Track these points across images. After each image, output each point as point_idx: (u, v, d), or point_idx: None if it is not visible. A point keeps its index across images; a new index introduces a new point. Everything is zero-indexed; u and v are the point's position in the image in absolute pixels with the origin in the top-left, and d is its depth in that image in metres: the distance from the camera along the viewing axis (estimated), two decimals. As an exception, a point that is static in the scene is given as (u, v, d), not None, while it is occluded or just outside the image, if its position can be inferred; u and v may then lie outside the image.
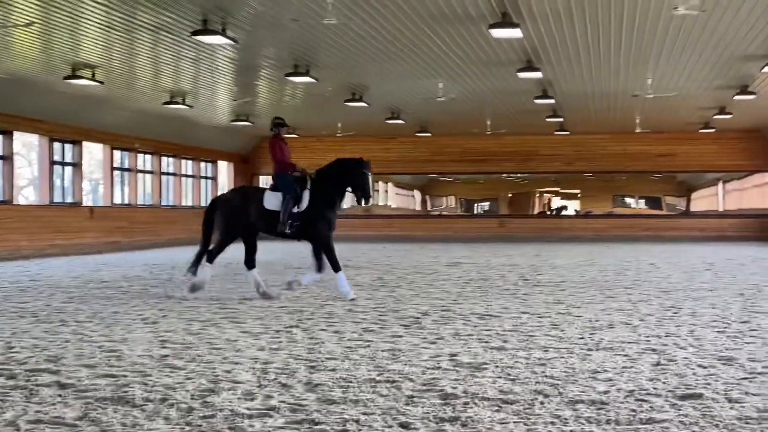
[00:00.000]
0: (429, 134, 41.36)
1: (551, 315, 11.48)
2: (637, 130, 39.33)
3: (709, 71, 25.07)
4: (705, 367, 7.61)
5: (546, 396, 6.47)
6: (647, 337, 9.47)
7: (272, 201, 14.18)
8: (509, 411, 6.02)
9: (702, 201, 60.13)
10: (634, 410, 5.99)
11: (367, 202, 14.10)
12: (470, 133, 41.78)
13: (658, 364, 7.80)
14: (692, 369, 7.53)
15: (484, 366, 7.72)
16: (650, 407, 6.08)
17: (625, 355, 8.26)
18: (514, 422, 5.71)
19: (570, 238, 41.18)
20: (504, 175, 46.81)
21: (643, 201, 58.88)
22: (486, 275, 18.81)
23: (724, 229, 41.33)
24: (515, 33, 18.51)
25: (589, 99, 30.79)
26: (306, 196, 14.07)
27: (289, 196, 14.08)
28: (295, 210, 14.05)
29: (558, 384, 6.89)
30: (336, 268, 13.76)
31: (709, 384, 6.87)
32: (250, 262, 14.17)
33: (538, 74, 24.48)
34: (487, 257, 26.30)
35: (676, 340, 9.25)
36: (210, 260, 14.26)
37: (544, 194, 57.64)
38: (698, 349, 8.64)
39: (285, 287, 14.69)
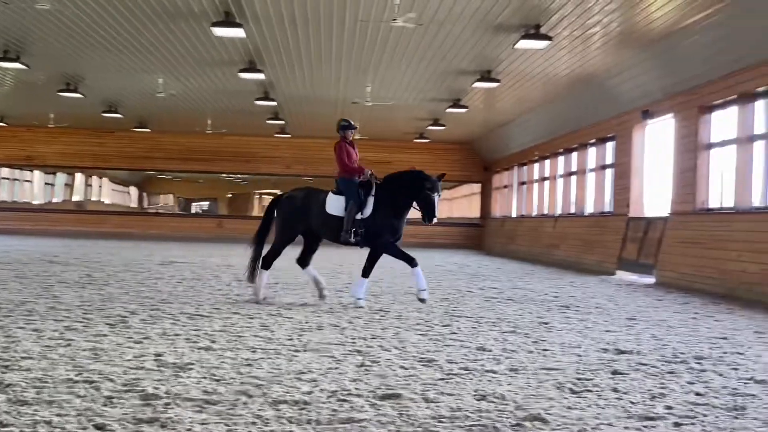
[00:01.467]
0: (148, 130, 40.45)
1: (262, 316, 11.46)
2: (357, 137, 40.24)
3: (425, 83, 26.07)
4: (406, 368, 7.83)
5: (250, 396, 6.41)
6: (354, 339, 9.65)
7: (335, 205, 13.35)
8: (211, 411, 5.91)
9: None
10: (335, 410, 6.05)
11: (430, 221, 12.99)
12: (191, 131, 41.25)
13: (362, 365, 7.94)
14: (394, 370, 7.73)
15: (190, 366, 7.56)
16: (351, 407, 6.17)
17: (331, 357, 8.37)
18: (215, 423, 5.61)
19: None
20: (224, 175, 46.50)
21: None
22: (200, 275, 18.56)
23: (434, 237, 43.06)
24: (238, 33, 18.43)
25: (310, 103, 31.20)
26: (370, 202, 13.28)
27: (353, 202, 13.23)
28: (359, 217, 13.24)
29: (263, 384, 6.86)
30: (412, 263, 13.19)
31: (408, 384, 7.07)
32: (303, 261, 13.84)
33: (260, 76, 24.51)
34: (203, 257, 25.99)
35: (381, 342, 9.47)
36: (265, 266, 13.56)
37: (264, 196, 57.73)
38: (401, 351, 8.88)
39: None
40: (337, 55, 22.04)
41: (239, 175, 46.82)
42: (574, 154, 29.87)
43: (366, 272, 13.36)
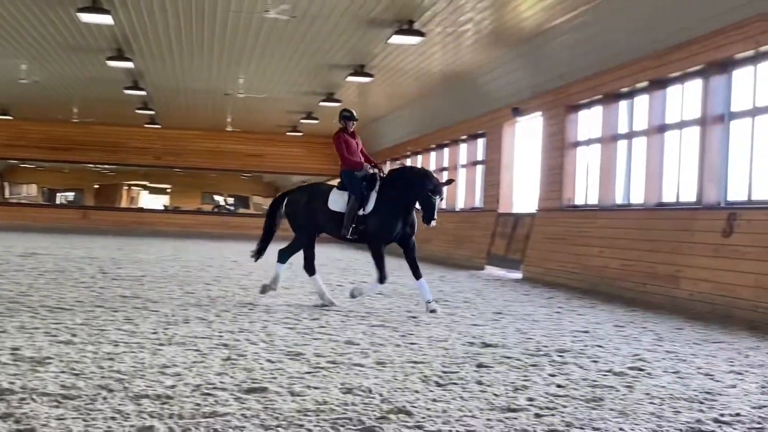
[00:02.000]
0: (10, 117, 39.08)
1: (127, 309, 11.20)
2: (229, 129, 39.87)
3: (299, 76, 25.97)
4: (273, 362, 7.76)
5: (110, 391, 6.24)
6: (221, 332, 9.51)
7: (337, 201, 12.73)
8: (69, 407, 5.73)
9: (287, 202, 61.76)
10: (198, 404, 5.94)
11: (428, 223, 12.16)
12: (56, 120, 40.06)
13: (228, 359, 7.83)
14: (260, 364, 7.65)
15: (48, 360, 7.32)
16: (215, 401, 6.06)
17: (197, 350, 8.22)
18: (73, 418, 5.44)
19: (156, 233, 40.77)
20: (91, 165, 45.39)
21: (232, 199, 59.74)
22: (63, 267, 18.04)
23: (305, 230, 42.85)
24: (106, 19, 17.96)
25: (181, 94, 30.70)
26: (372, 197, 12.60)
27: (354, 197, 12.58)
28: (361, 213, 12.55)
29: (125, 379, 6.68)
30: (381, 278, 12.55)
31: (275, 378, 7.00)
32: (285, 256, 13.22)
33: (129, 64, 23.97)
34: (66, 249, 25.28)
35: (248, 335, 9.36)
36: (281, 260, 13.17)
37: (133, 187, 56.62)
38: (269, 344, 8.80)
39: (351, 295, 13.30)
40: (209, 45, 21.73)
41: (107, 166, 45.79)
42: (446, 150, 30.22)
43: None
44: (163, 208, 51.81)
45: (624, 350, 9.26)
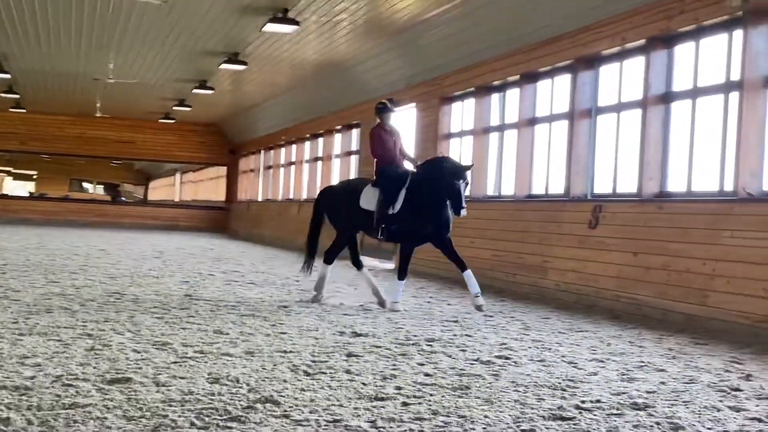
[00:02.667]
0: None
1: (-14, 298, 10.82)
2: (98, 115, 38.91)
3: (171, 62, 25.51)
4: (138, 352, 7.60)
5: (-35, 383, 6.01)
6: (85, 322, 9.28)
7: (369, 199, 12.01)
8: None
9: (160, 190, 61.09)
10: (58, 395, 5.77)
11: (457, 213, 11.37)
12: None
13: (91, 349, 7.64)
14: (126, 354, 7.48)
15: None
16: (76, 392, 5.90)
17: (59, 340, 8.00)
18: (-77, 413, 5.21)
19: (21, 220, 39.54)
20: (-49, 150, 43.69)
21: (101, 186, 58.39)
22: None
23: (178, 219, 42.37)
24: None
25: (48, 78, 29.81)
26: (401, 196, 11.80)
27: (383, 196, 11.83)
28: (391, 212, 11.79)
29: (-19, 371, 6.45)
30: (402, 276, 11.99)
31: (140, 368, 6.86)
32: (356, 261, 12.73)
33: (-8, 45, 23.11)
34: (-76, 236, 24.28)
35: (114, 325, 9.16)
36: (327, 260, 12.73)
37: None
38: (135, 334, 8.62)
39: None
40: (77, 29, 21.12)
41: (-31, 151, 44.16)
42: (321, 140, 30.16)
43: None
44: (28, 194, 50.28)
45: (492, 339, 9.40)
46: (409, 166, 12.34)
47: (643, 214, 12.79)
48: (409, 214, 11.72)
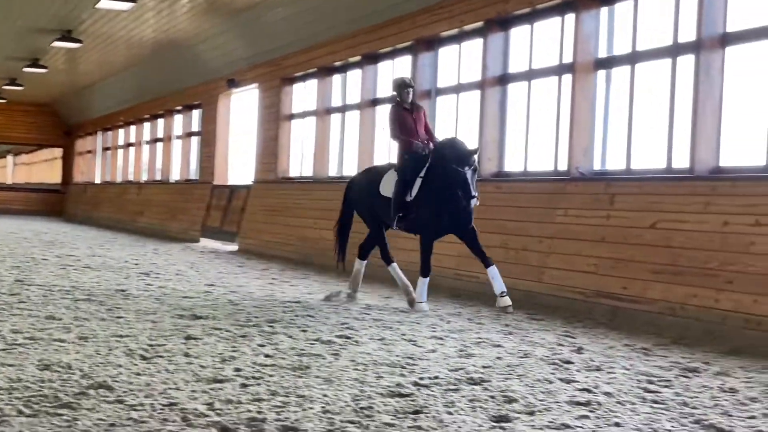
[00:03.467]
0: None
1: None
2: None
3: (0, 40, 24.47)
4: (-36, 340, 7.27)
5: None
6: None
7: (388, 185, 10.82)
8: None
9: (-10, 173, 58.58)
10: None
11: (467, 203, 10.13)
12: None
13: None
14: (-51, 342, 7.14)
15: None
16: None
17: None
18: None
19: None
20: None
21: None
22: None
23: (10, 202, 40.73)
24: None
25: None
26: (418, 182, 10.54)
27: (400, 181, 10.62)
28: (408, 199, 10.56)
29: None
30: (425, 272, 10.55)
31: (-36, 357, 6.56)
32: (386, 256, 11.30)
33: None
34: None
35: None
36: (361, 255, 11.50)
37: None
38: (-40, 321, 8.25)
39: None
40: None
41: None
42: (161, 121, 29.54)
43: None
44: None
45: (333, 319, 9.41)
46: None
47: (481, 193, 13.01)
48: (424, 203, 10.54)
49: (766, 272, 8.42)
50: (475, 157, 10.33)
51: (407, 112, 10.80)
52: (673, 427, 5.27)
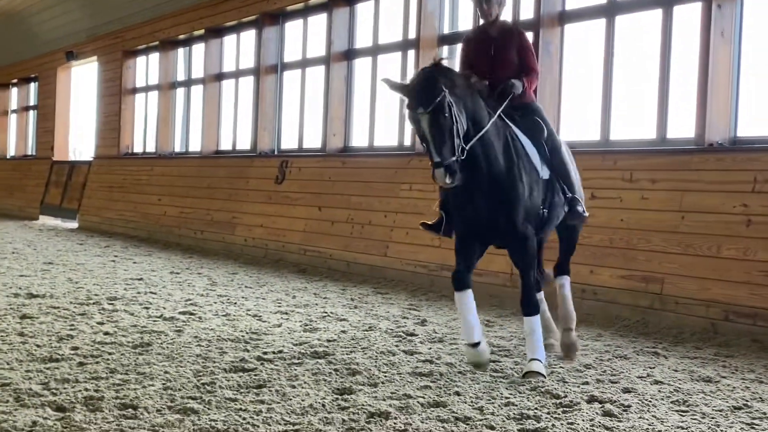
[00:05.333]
0: None
1: None
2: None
3: None
4: None
5: None
6: None
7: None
8: None
9: None
10: None
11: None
12: None
13: None
14: None
15: None
16: None
17: None
18: None
19: None
20: None
21: None
22: None
23: None
24: None
25: None
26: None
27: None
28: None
29: None
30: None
31: None
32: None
33: None
34: None
35: None
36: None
37: None
38: None
39: None
40: None
41: None
42: (-5, 94, 28.35)
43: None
44: None
45: (177, 296, 9.26)
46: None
47: (327, 168, 13.06)
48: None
49: (601, 244, 8.74)
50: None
51: (479, 42, 6.59)
52: (510, 394, 5.42)
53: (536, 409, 5.10)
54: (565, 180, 6.45)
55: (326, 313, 8.44)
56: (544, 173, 6.30)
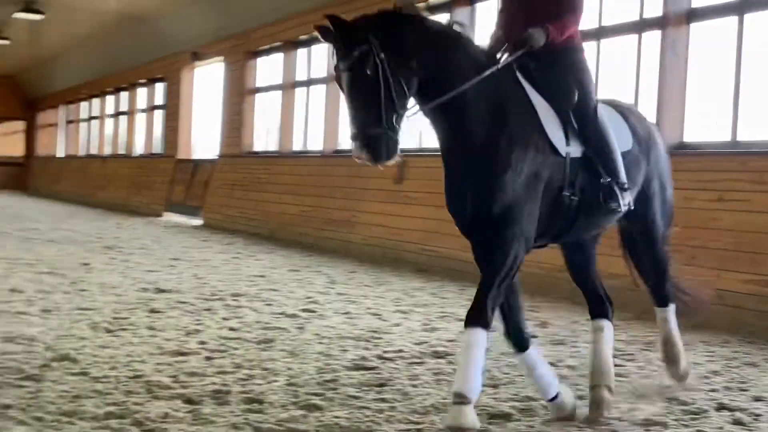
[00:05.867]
0: None
1: None
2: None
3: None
4: (-75, 313, 7.21)
5: None
6: None
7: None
8: None
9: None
10: None
11: None
12: None
13: None
14: None
15: None
16: None
17: None
18: None
19: None
20: None
21: None
22: None
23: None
24: None
25: None
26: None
27: None
28: None
29: None
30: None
31: (-75, 329, 6.51)
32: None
33: None
34: None
35: None
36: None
37: None
38: None
39: None
40: None
41: None
42: (124, 94, 29.26)
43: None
44: None
45: (298, 293, 9.41)
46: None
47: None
48: None
49: (728, 248, 8.52)
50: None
51: None
52: (634, 399, 5.34)
53: (662, 415, 5.02)
54: (604, 159, 4.91)
55: (445, 312, 8.46)
56: (572, 149, 4.80)
